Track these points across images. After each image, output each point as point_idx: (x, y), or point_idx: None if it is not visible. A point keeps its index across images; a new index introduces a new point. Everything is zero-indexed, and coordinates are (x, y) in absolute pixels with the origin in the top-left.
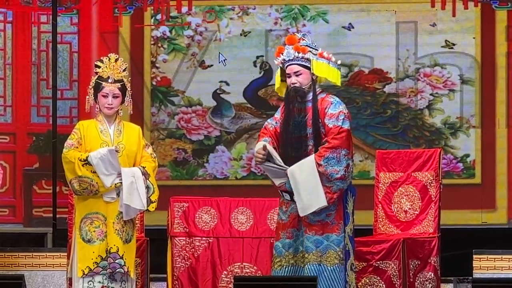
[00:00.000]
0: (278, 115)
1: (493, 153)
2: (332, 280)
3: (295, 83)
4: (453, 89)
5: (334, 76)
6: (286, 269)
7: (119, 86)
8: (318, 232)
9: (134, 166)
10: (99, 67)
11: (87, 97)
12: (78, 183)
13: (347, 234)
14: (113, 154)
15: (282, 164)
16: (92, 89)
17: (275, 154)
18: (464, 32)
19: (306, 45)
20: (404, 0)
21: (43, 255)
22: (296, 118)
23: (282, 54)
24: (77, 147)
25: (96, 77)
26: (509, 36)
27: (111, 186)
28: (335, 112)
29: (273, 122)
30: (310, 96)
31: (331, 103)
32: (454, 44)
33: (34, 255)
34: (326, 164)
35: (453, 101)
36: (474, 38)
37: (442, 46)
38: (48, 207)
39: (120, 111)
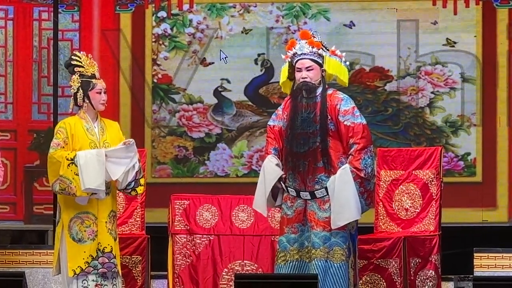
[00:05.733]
0: (280, 112)
1: (494, 151)
2: (339, 277)
3: (305, 78)
4: (454, 88)
5: (345, 75)
6: (291, 264)
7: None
8: (326, 228)
9: None
10: (81, 66)
11: (73, 97)
12: (59, 184)
13: (349, 232)
14: (101, 157)
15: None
16: (80, 88)
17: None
18: (465, 31)
19: (320, 41)
20: None
21: (44, 252)
22: (303, 114)
23: (295, 47)
24: (63, 147)
25: (79, 74)
26: (510, 35)
27: (87, 193)
28: (348, 109)
29: (276, 121)
30: (318, 92)
31: (342, 99)
32: (455, 43)
33: (35, 252)
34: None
35: (454, 100)
36: (475, 36)
37: (443, 45)
38: (49, 204)
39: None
